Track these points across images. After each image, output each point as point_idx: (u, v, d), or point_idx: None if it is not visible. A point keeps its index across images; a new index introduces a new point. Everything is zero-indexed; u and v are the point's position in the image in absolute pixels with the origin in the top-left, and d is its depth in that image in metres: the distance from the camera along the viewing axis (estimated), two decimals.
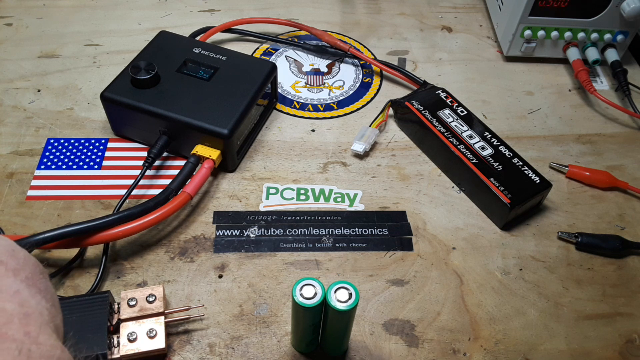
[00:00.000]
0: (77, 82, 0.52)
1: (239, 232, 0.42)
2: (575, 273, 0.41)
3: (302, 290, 0.29)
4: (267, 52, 0.58)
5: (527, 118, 0.53)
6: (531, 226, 0.44)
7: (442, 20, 0.64)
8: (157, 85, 0.45)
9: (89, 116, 0.49)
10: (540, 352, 0.37)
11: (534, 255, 0.42)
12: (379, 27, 0.62)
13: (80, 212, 0.42)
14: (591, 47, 0.56)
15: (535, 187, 0.43)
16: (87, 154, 0.46)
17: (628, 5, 0.52)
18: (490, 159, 0.44)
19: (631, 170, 0.49)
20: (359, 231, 0.42)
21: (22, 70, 0.53)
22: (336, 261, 0.40)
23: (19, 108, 0.49)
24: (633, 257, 0.42)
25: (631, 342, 0.37)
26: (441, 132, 0.46)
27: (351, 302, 0.29)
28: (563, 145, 0.51)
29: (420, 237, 0.42)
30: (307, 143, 0.49)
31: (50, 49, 0.55)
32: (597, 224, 0.44)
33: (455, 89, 0.53)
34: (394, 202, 0.45)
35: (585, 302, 0.39)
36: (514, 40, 0.56)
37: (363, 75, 0.56)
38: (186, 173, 0.42)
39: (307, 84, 0.55)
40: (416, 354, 0.36)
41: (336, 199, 0.45)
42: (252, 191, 0.44)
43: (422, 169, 0.47)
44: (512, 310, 0.38)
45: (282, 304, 0.38)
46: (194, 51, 0.48)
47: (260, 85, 0.46)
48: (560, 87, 0.57)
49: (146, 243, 0.40)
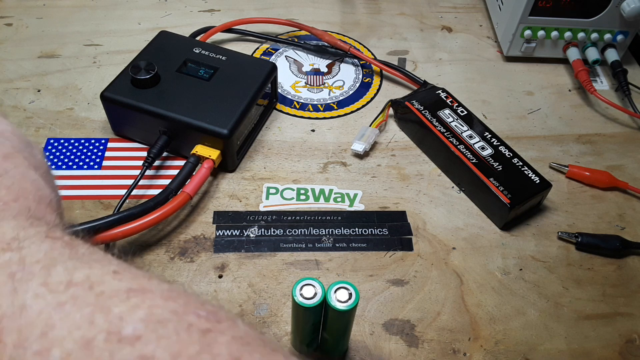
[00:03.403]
0: (77, 82, 0.52)
1: (239, 232, 0.42)
2: (575, 273, 0.41)
3: (302, 290, 0.29)
4: (267, 52, 0.58)
5: (527, 118, 0.53)
6: (531, 226, 0.44)
7: (442, 20, 0.64)
8: (157, 85, 0.45)
9: (89, 116, 0.49)
10: (540, 352, 0.37)
11: (534, 255, 0.42)
12: (379, 27, 0.62)
13: (80, 212, 0.42)
14: (591, 47, 0.56)
15: (535, 187, 0.43)
16: (87, 154, 0.46)
17: (628, 5, 0.52)
18: (490, 159, 0.44)
19: (631, 170, 0.49)
20: (359, 231, 0.42)
21: (22, 70, 0.53)
22: (336, 261, 0.40)
23: (19, 108, 0.49)
24: (633, 257, 0.42)
25: (631, 342, 0.37)
26: (441, 132, 0.46)
27: (351, 302, 0.29)
28: (563, 145, 0.51)
29: (420, 237, 0.42)
30: (307, 143, 0.49)
31: (50, 49, 0.55)
32: (597, 224, 0.44)
33: (455, 89, 0.53)
34: (394, 202, 0.45)
35: (585, 302, 0.39)
36: (514, 40, 0.56)
37: (363, 75, 0.56)
38: (186, 173, 0.42)
39: (307, 84, 0.55)
40: (416, 354, 0.36)
41: (336, 199, 0.45)
42: (252, 191, 0.44)
43: (422, 169, 0.47)
44: (512, 310, 0.39)
45: (282, 304, 0.38)
46: (194, 51, 0.48)
47: (260, 85, 0.46)
48: (560, 87, 0.57)
49: (146, 243, 0.40)
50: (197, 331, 0.17)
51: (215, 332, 0.17)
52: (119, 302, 0.17)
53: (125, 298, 0.17)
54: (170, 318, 0.17)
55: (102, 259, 0.20)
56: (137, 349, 0.16)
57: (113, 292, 0.17)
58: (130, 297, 0.17)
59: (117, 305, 0.17)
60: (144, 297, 0.18)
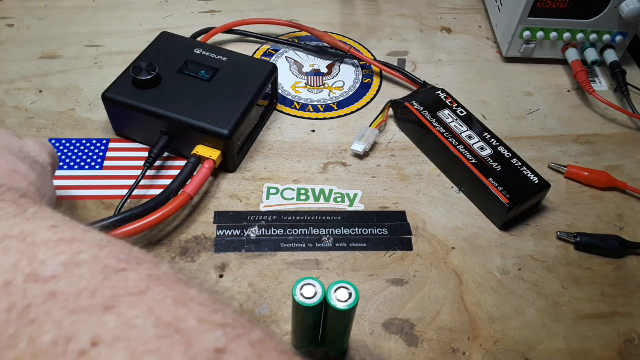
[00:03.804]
0: (78, 82, 0.52)
1: (239, 232, 0.42)
2: (574, 273, 0.41)
3: (302, 289, 0.29)
4: (268, 53, 0.58)
5: (526, 118, 0.53)
6: (530, 226, 0.44)
7: (442, 21, 0.64)
8: (158, 85, 0.45)
9: (90, 116, 0.49)
10: (539, 351, 0.37)
11: (533, 255, 0.42)
12: (379, 28, 0.62)
13: (82, 212, 0.42)
14: (590, 47, 0.56)
15: (534, 187, 0.43)
16: (88, 154, 0.46)
17: (627, 5, 0.52)
18: (489, 159, 0.44)
19: (630, 170, 0.49)
20: (358, 231, 0.43)
21: (24, 71, 0.53)
22: (336, 261, 0.41)
23: (21, 108, 0.49)
24: (631, 257, 0.43)
25: (630, 342, 0.38)
26: (440, 133, 0.46)
27: (351, 301, 0.29)
28: (562, 145, 0.51)
29: (419, 237, 0.42)
30: (307, 143, 0.49)
31: (52, 50, 0.55)
32: (596, 224, 0.44)
33: (454, 90, 0.53)
34: (394, 202, 0.45)
35: (584, 301, 0.40)
36: (513, 41, 0.56)
37: (363, 75, 0.56)
38: (186, 173, 0.42)
39: (307, 85, 0.55)
40: (415, 353, 0.36)
41: (336, 199, 0.45)
42: (252, 191, 0.45)
43: (422, 169, 0.47)
44: (511, 309, 0.39)
45: (283, 304, 0.38)
46: (194, 52, 0.48)
47: (261, 85, 0.46)
48: (559, 88, 0.57)
49: (147, 243, 0.40)
50: (111, 270, 0.18)
51: (129, 270, 0.18)
52: (46, 250, 0.19)
53: (53, 246, 0.19)
54: (89, 260, 0.18)
55: (46, 216, 0.21)
56: (48, 286, 0.17)
57: (42, 242, 0.19)
58: (58, 245, 0.19)
59: (43, 252, 0.18)
60: (71, 245, 0.19)
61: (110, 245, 0.20)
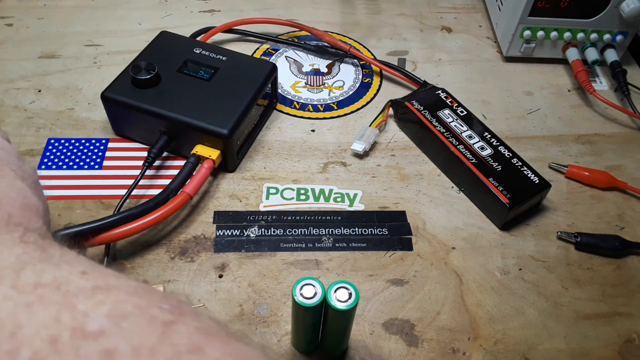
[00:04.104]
0: (77, 82, 0.52)
1: (239, 232, 0.42)
2: (574, 273, 0.41)
3: (302, 290, 0.29)
4: (268, 53, 0.58)
5: (527, 118, 0.53)
6: (530, 226, 0.44)
7: (442, 20, 0.64)
8: (157, 85, 0.45)
9: (89, 116, 0.49)
10: (539, 351, 0.37)
11: (534, 255, 0.42)
12: (379, 28, 0.62)
13: (81, 212, 0.42)
14: (590, 47, 0.56)
15: (535, 187, 0.43)
16: (88, 153, 0.46)
17: (627, 5, 0.52)
18: (490, 159, 0.44)
19: (630, 170, 0.49)
20: (358, 231, 0.42)
21: (23, 71, 0.53)
22: (336, 261, 0.41)
23: (20, 108, 0.49)
24: (632, 257, 0.42)
25: (630, 342, 0.38)
26: (441, 132, 0.46)
27: (351, 301, 0.29)
28: (562, 145, 0.51)
29: (420, 237, 0.42)
30: (307, 143, 0.49)
31: (51, 50, 0.55)
32: (597, 224, 0.44)
33: (454, 89, 0.53)
34: (394, 202, 0.45)
35: (585, 301, 0.40)
36: (514, 41, 0.56)
37: (363, 75, 0.56)
38: (186, 173, 0.42)
39: (307, 84, 0.55)
40: (416, 353, 0.36)
41: (336, 199, 0.45)
42: (252, 191, 0.45)
43: (422, 169, 0.47)
44: (512, 310, 0.39)
45: (282, 304, 0.38)
46: (194, 51, 0.48)
47: (261, 85, 0.46)
48: (559, 88, 0.57)
49: (146, 243, 0.40)
50: (160, 323, 0.17)
51: (178, 323, 0.18)
52: (84, 300, 0.18)
53: (90, 295, 0.18)
54: (134, 312, 0.17)
55: (73, 260, 0.20)
56: (101, 344, 0.16)
57: (79, 290, 0.18)
58: (95, 294, 0.18)
59: (82, 302, 0.17)
60: (108, 293, 0.18)
61: (146, 293, 0.19)
